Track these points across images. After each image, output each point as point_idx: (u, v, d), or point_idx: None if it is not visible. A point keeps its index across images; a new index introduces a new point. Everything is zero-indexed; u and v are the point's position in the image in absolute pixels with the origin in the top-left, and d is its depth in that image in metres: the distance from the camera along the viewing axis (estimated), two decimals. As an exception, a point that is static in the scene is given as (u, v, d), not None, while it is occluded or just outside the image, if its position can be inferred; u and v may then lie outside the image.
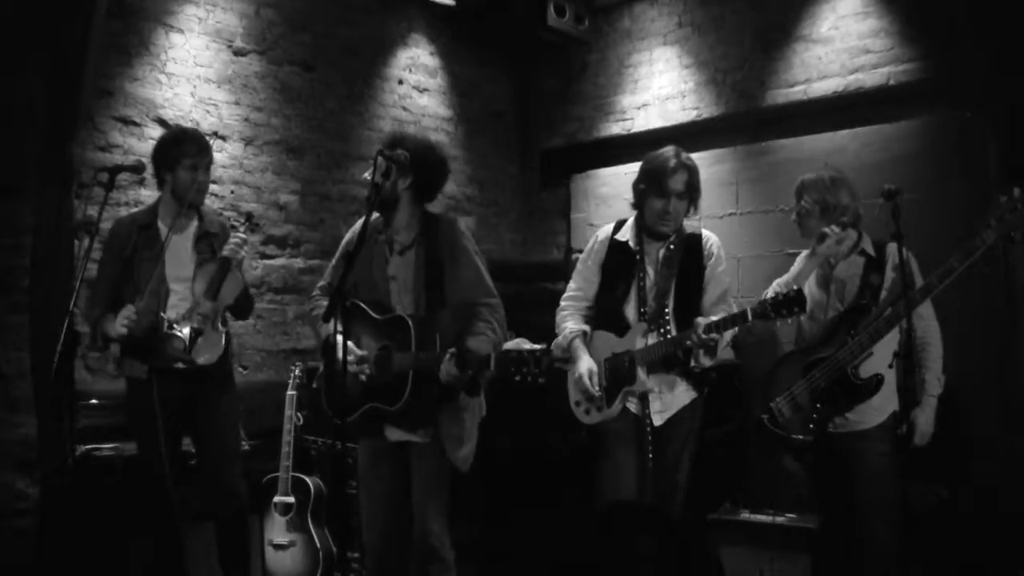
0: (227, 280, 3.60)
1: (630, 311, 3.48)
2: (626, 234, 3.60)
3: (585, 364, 3.44)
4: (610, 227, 3.70)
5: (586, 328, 3.56)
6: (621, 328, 3.48)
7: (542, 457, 4.45)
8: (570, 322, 3.60)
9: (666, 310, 3.43)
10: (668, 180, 3.43)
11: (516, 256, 7.13)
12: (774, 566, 3.99)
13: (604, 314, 3.57)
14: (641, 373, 3.37)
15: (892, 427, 3.36)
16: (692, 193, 3.50)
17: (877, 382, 3.29)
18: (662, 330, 3.40)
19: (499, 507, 4.53)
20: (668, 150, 3.51)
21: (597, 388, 3.40)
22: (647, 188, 3.49)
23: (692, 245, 3.54)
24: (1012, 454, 4.25)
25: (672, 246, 3.51)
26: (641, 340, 3.41)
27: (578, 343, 3.52)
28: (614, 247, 3.61)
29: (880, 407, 3.36)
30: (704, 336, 3.19)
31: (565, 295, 3.71)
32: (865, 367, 3.31)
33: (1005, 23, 4.41)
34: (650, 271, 3.51)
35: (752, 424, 3.65)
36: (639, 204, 3.56)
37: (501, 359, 2.92)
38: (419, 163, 3.18)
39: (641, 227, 3.58)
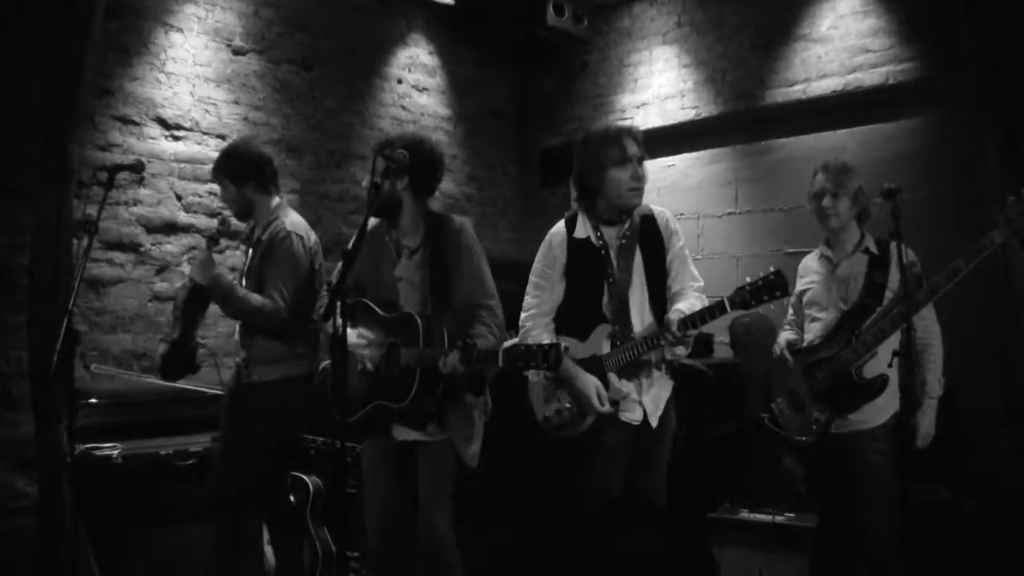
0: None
1: (609, 312, 3.24)
2: (583, 230, 3.34)
3: (591, 381, 3.14)
4: (561, 227, 3.41)
5: (567, 344, 3.07)
6: (585, 332, 3.24)
7: (542, 457, 4.45)
8: (546, 340, 3.18)
9: (628, 309, 3.21)
10: (627, 143, 3.22)
11: (515, 255, 7.13)
12: (773, 566, 3.98)
13: (570, 319, 3.32)
14: (613, 379, 3.16)
15: (894, 426, 3.35)
16: (643, 155, 3.28)
17: (882, 382, 3.27)
18: (625, 328, 3.20)
19: (500, 507, 4.53)
20: (600, 124, 3.34)
21: (608, 405, 3.13)
22: (605, 162, 3.21)
23: (647, 227, 3.31)
24: (1012, 454, 4.25)
25: (627, 233, 3.28)
26: (606, 342, 3.20)
27: (568, 362, 3.12)
28: (576, 247, 3.33)
29: (884, 407, 3.35)
30: (680, 334, 3.00)
31: (525, 312, 3.36)
32: (868, 367, 3.30)
33: (1004, 22, 4.41)
34: (615, 263, 3.27)
35: (751, 423, 3.64)
36: (594, 189, 3.27)
37: (509, 353, 2.91)
38: (415, 161, 3.18)
39: (596, 218, 3.32)
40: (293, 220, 3.79)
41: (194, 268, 3.63)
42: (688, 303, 3.17)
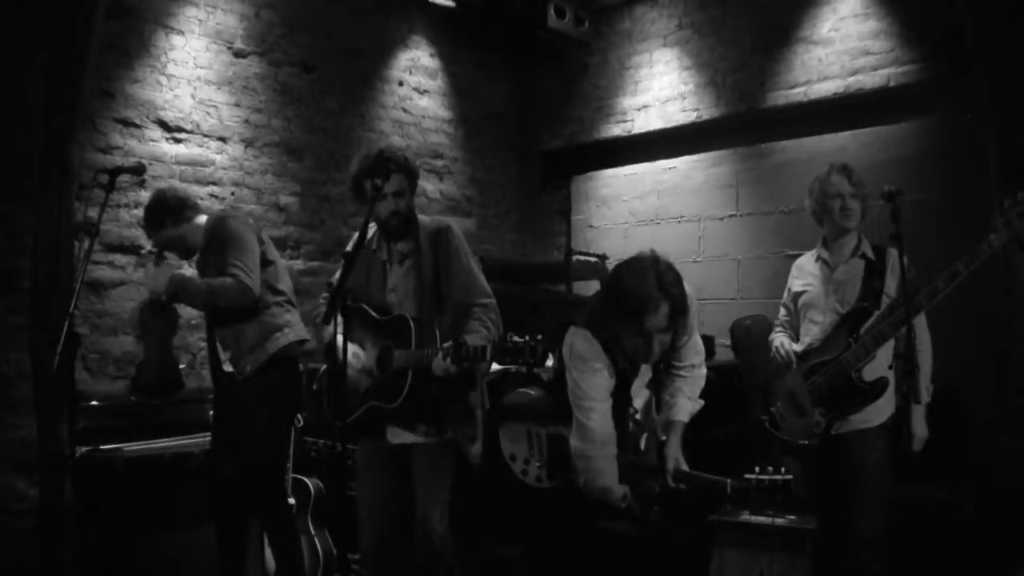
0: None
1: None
2: (621, 361, 2.95)
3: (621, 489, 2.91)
4: (600, 356, 2.91)
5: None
6: None
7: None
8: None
9: (630, 392, 3.03)
10: (647, 319, 2.72)
11: (516, 257, 7.13)
12: (774, 567, 3.98)
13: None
14: None
15: (892, 427, 3.36)
16: (678, 320, 2.79)
17: (883, 385, 3.29)
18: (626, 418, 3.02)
19: (500, 508, 4.53)
20: (646, 269, 2.73)
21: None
22: (621, 323, 2.78)
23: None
24: (1012, 454, 4.24)
25: None
26: None
27: None
28: (619, 373, 2.98)
29: (883, 407, 3.36)
30: (672, 485, 2.85)
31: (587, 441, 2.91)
32: (868, 370, 3.31)
33: (1004, 24, 4.40)
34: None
35: (752, 425, 3.64)
36: (611, 335, 2.87)
37: (498, 350, 2.92)
38: (410, 167, 3.28)
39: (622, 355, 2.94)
40: (214, 212, 3.90)
41: (148, 283, 3.75)
42: (685, 401, 3.05)
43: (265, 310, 3.72)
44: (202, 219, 3.84)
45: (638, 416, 3.09)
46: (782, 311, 3.76)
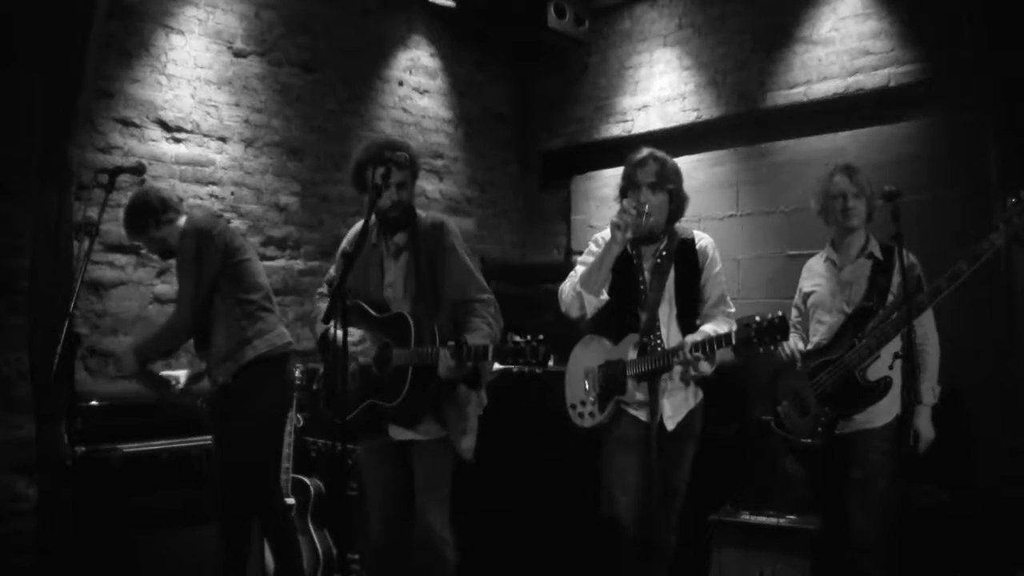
0: None
1: (641, 324, 3.29)
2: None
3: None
4: (607, 233, 3.41)
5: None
6: (618, 335, 3.31)
7: (541, 454, 4.45)
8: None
9: (657, 322, 3.27)
10: (637, 172, 3.32)
11: (516, 257, 7.13)
12: (775, 568, 3.98)
13: (607, 322, 3.34)
14: (631, 384, 3.23)
15: (896, 428, 3.36)
16: (666, 185, 3.32)
17: (886, 384, 3.29)
18: (654, 341, 3.24)
19: (500, 505, 4.53)
20: (643, 148, 3.41)
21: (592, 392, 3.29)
22: (623, 187, 3.40)
23: (685, 249, 3.37)
24: (1012, 456, 4.24)
25: (664, 252, 3.35)
26: (632, 351, 3.25)
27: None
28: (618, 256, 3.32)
29: (887, 408, 3.36)
30: (691, 356, 3.07)
31: (569, 279, 3.41)
32: (872, 370, 3.31)
33: (1005, 24, 4.40)
34: (647, 278, 3.34)
35: (754, 425, 3.64)
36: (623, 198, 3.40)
37: (500, 350, 2.93)
38: (414, 162, 3.31)
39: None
40: (190, 218, 3.80)
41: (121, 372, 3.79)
42: (712, 327, 3.23)
43: (235, 323, 3.68)
44: (183, 220, 3.80)
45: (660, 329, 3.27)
46: (793, 312, 3.77)
